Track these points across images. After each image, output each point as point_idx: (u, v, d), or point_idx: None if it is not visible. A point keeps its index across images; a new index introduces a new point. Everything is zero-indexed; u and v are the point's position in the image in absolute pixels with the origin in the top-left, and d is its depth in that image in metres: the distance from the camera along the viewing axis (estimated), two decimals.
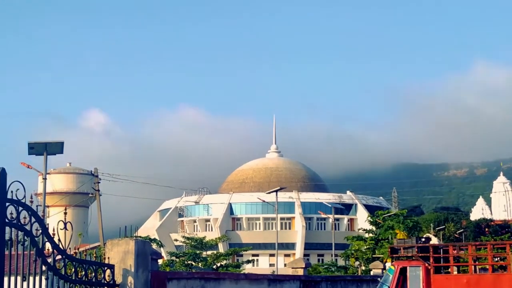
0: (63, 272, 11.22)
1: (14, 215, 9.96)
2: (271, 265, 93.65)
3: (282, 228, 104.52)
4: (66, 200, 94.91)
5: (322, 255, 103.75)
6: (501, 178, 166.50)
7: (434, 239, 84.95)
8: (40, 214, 10.64)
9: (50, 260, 10.87)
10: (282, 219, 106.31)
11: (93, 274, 11.86)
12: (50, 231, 10.83)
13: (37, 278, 10.61)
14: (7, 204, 9.79)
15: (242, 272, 56.77)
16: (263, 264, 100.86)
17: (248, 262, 78.70)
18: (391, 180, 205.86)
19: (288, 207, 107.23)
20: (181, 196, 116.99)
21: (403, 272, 21.03)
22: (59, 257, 11.15)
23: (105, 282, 12.08)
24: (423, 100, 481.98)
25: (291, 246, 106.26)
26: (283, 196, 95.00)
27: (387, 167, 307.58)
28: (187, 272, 17.56)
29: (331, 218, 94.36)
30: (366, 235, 57.95)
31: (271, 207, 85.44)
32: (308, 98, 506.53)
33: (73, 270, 11.46)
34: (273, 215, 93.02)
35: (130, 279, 12.33)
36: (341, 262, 68.95)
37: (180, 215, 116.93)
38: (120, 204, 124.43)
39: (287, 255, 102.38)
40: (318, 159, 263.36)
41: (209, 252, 69.45)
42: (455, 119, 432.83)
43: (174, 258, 63.06)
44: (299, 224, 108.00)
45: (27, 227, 10.27)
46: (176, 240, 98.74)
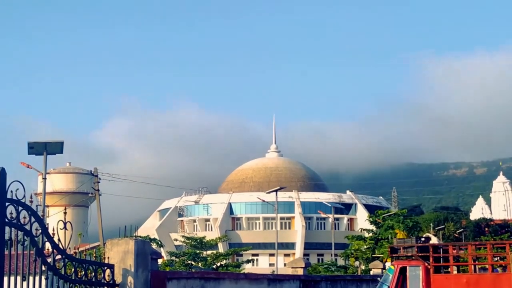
0: (63, 272, 11.21)
1: (14, 215, 9.96)
2: (271, 264, 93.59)
3: (282, 227, 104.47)
4: (66, 199, 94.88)
5: (322, 255, 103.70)
6: (500, 177, 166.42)
7: (434, 238, 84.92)
8: (40, 214, 10.64)
9: (50, 260, 10.86)
10: (282, 218, 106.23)
11: (93, 274, 11.85)
12: (50, 231, 10.82)
13: (37, 278, 10.61)
14: (7, 204, 9.79)
15: (242, 272, 56.77)
16: (263, 264, 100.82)
17: (248, 261, 78.70)
18: (391, 179, 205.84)
19: (288, 206, 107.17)
20: (180, 195, 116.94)
21: (402, 271, 21.03)
22: (59, 257, 11.14)
23: (105, 282, 12.08)
24: (423, 100, 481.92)
25: (291, 246, 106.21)
26: (283, 196, 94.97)
27: (387, 167, 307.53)
28: (187, 272, 17.54)
29: (331, 217, 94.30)
30: (366, 234, 57.93)
31: (271, 206, 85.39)
32: (308, 98, 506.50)
33: (73, 270, 11.45)
34: (273, 215, 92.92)
35: (130, 279, 12.32)
36: (341, 262, 68.92)
37: (180, 215, 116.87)
38: (120, 204, 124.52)
39: (287, 255, 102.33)
40: (318, 158, 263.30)
41: (209, 252, 69.44)
42: (455, 118, 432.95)
43: (174, 258, 63.04)
44: (299, 223, 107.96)
45: (27, 227, 10.26)
46: (176, 240, 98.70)
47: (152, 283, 12.84)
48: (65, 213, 11.59)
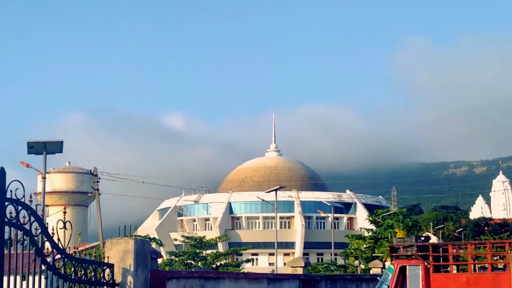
0: (62, 271, 11.21)
1: (14, 215, 9.96)
2: (271, 264, 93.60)
3: (281, 227, 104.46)
4: (66, 199, 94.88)
5: (321, 254, 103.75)
6: (500, 177, 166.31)
7: (434, 238, 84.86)
8: (39, 213, 10.64)
9: (49, 260, 10.86)
10: (282, 218, 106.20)
11: (92, 274, 11.85)
12: (50, 231, 10.83)
13: (36, 278, 10.61)
14: (7, 203, 9.79)
15: (241, 271, 56.75)
16: (262, 263, 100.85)
17: (248, 261, 78.66)
18: (391, 179, 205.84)
19: (288, 206, 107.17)
20: (180, 195, 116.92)
21: (402, 271, 21.03)
22: (58, 256, 11.15)
23: (104, 282, 12.08)
24: (422, 99, 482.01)
25: (291, 245, 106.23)
26: (283, 195, 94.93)
27: (387, 166, 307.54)
28: (187, 271, 17.55)
29: (330, 217, 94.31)
30: (366, 234, 57.90)
31: (270, 206, 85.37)
32: (308, 97, 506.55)
33: (72, 269, 11.45)
34: (272, 214, 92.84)
35: (130, 278, 12.32)
36: (340, 261, 68.86)
37: (180, 214, 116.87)
38: (119, 203, 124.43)
39: (286, 254, 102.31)
40: (318, 158, 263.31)
41: (208, 251, 69.41)
42: (455, 117, 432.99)
43: (173, 257, 63.04)
44: (298, 223, 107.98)
45: (27, 226, 10.26)
46: (175, 239, 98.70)
47: (152, 283, 12.84)
48: (64, 212, 11.59)
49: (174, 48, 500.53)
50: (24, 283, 10.25)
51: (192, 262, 60.28)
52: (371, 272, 31.24)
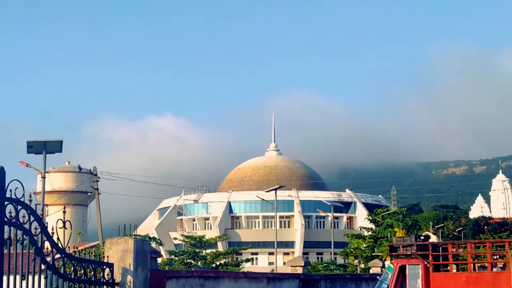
0: (62, 271, 11.21)
1: (13, 214, 9.96)
2: (270, 263, 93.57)
3: (281, 226, 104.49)
4: (65, 198, 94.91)
5: (321, 254, 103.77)
6: (500, 176, 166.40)
7: (433, 237, 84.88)
8: (39, 212, 10.64)
9: (49, 259, 10.86)
10: (281, 217, 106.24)
11: (92, 273, 11.85)
12: (49, 230, 10.83)
13: (36, 277, 10.61)
14: (6, 203, 9.79)
15: (241, 270, 56.76)
16: (262, 263, 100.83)
17: (248, 260, 78.63)
18: (390, 178, 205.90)
19: (287, 205, 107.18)
20: (180, 194, 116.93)
21: (402, 270, 21.04)
22: (58, 256, 11.14)
23: (104, 281, 12.07)
24: (422, 99, 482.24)
25: (290, 245, 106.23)
26: (282, 195, 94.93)
27: (386, 165, 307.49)
28: (186, 270, 17.53)
29: (330, 216, 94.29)
30: (365, 233, 57.92)
31: (270, 205, 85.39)
32: (308, 97, 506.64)
33: (72, 269, 11.45)
34: (272, 214, 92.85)
35: (129, 278, 12.32)
36: (340, 261, 68.89)
37: (179, 214, 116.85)
38: (119, 203, 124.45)
39: (286, 254, 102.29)
40: (317, 157, 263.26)
41: (208, 251, 69.43)
42: (454, 117, 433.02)
43: (173, 257, 63.04)
44: (298, 222, 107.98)
45: (26, 226, 10.26)
46: (175, 238, 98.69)
47: (152, 282, 12.84)
48: (64, 212, 11.59)
49: (172, 48, 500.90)
50: (24, 282, 10.25)
51: (192, 262, 60.29)
52: (371, 271, 31.22)
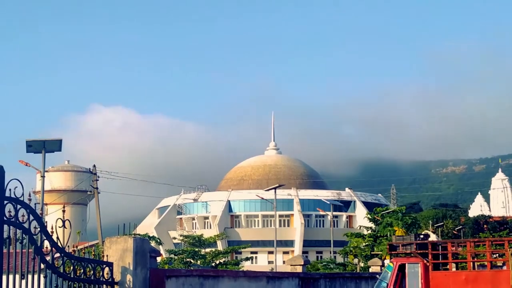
0: (61, 270, 11.21)
1: (13, 213, 9.96)
2: (270, 262, 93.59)
3: (280, 225, 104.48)
4: (65, 198, 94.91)
5: (320, 252, 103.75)
6: (499, 174, 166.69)
7: (433, 235, 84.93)
8: (38, 212, 10.64)
9: (48, 258, 10.86)
10: (281, 216, 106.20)
11: (91, 272, 11.85)
12: (49, 229, 10.82)
13: (35, 276, 10.60)
14: (6, 202, 9.79)
15: (240, 269, 56.78)
16: (261, 262, 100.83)
17: (247, 259, 78.66)
18: (390, 177, 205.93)
19: (287, 204, 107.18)
20: (179, 193, 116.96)
21: (401, 269, 21.04)
22: (57, 255, 11.15)
23: (103, 280, 12.07)
24: (422, 98, 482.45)
25: (290, 243, 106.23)
26: (282, 193, 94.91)
27: (386, 164, 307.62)
28: (186, 269, 17.53)
29: (329, 215, 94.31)
30: (365, 232, 57.96)
31: (269, 204, 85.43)
32: (307, 96, 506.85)
33: (71, 268, 11.45)
34: (271, 213, 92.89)
35: (129, 277, 12.32)
36: (339, 259, 68.93)
37: (179, 213, 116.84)
38: (118, 202, 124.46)
39: (285, 252, 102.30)
40: (317, 156, 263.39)
41: (207, 250, 69.42)
42: (454, 116, 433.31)
43: (172, 256, 63.02)
44: (297, 221, 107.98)
45: (26, 225, 10.26)
46: (174, 237, 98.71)
47: (151, 281, 12.84)
48: (63, 211, 11.58)
49: (172, 46, 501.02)
50: (24, 281, 10.25)
51: (191, 261, 60.31)
52: (370, 270, 31.22)
